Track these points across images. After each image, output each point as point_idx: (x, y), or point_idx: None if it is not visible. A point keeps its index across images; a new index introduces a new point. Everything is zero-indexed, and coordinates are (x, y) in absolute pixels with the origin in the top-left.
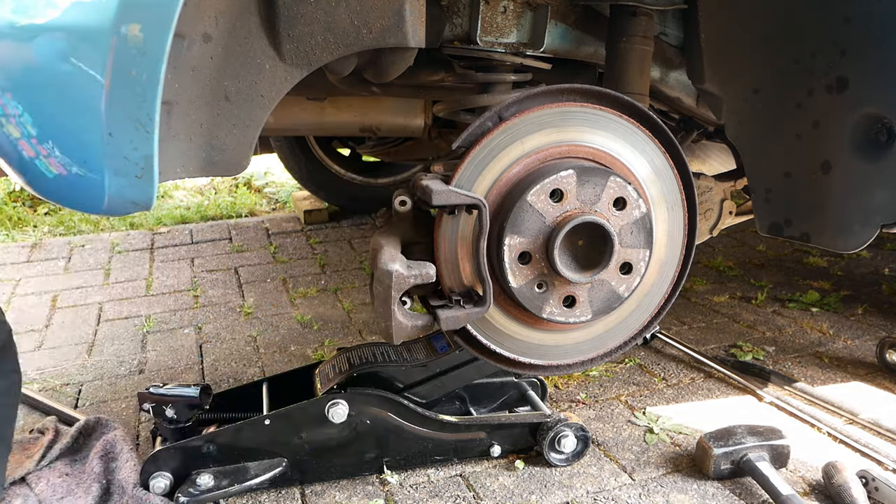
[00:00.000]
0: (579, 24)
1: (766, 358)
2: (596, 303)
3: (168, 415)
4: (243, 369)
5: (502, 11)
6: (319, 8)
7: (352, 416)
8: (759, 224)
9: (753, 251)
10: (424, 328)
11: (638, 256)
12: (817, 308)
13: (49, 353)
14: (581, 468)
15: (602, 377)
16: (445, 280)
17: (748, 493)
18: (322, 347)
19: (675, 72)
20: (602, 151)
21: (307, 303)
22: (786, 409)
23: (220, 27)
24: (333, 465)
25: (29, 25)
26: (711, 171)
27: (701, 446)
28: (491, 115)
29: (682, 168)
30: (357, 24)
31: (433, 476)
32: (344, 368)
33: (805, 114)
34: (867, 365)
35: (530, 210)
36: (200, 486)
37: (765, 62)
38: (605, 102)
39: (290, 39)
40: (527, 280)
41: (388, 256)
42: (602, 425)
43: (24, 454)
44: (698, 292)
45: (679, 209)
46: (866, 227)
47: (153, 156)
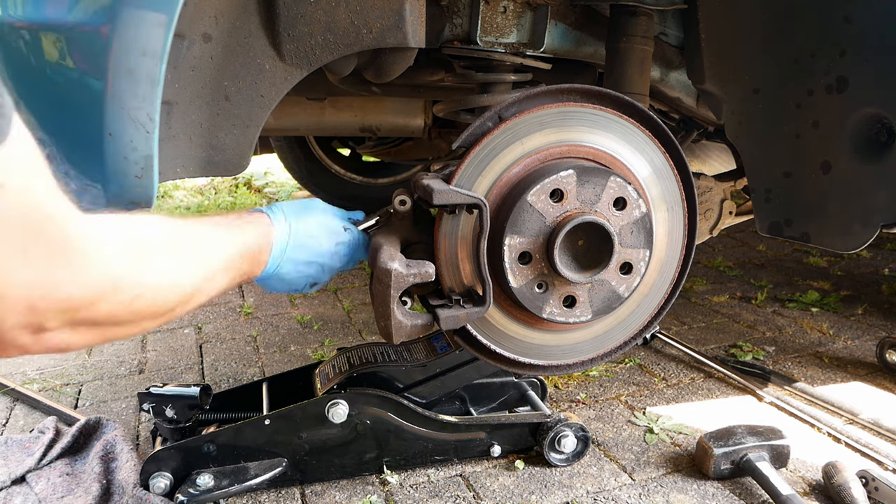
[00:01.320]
0: (579, 24)
1: (766, 358)
2: (596, 303)
3: (168, 415)
4: (243, 369)
5: (502, 11)
6: (319, 8)
7: (352, 416)
8: (759, 224)
9: (753, 251)
10: (424, 328)
11: (638, 256)
12: (817, 308)
13: None
14: (581, 468)
15: (602, 377)
16: (445, 280)
17: (748, 493)
18: (322, 347)
19: (675, 72)
20: (602, 151)
21: (307, 303)
22: (786, 409)
23: (220, 27)
24: (333, 465)
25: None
26: (711, 171)
27: (701, 446)
28: (491, 115)
29: (682, 168)
30: (357, 24)
31: (433, 476)
32: (344, 368)
33: (805, 114)
34: (867, 365)
35: (530, 210)
36: (200, 486)
37: (765, 62)
38: (606, 102)
39: (290, 39)
40: (527, 280)
41: (387, 255)
42: (602, 425)
43: (25, 453)
44: (698, 292)
45: (679, 209)
46: (866, 227)
47: (153, 156)
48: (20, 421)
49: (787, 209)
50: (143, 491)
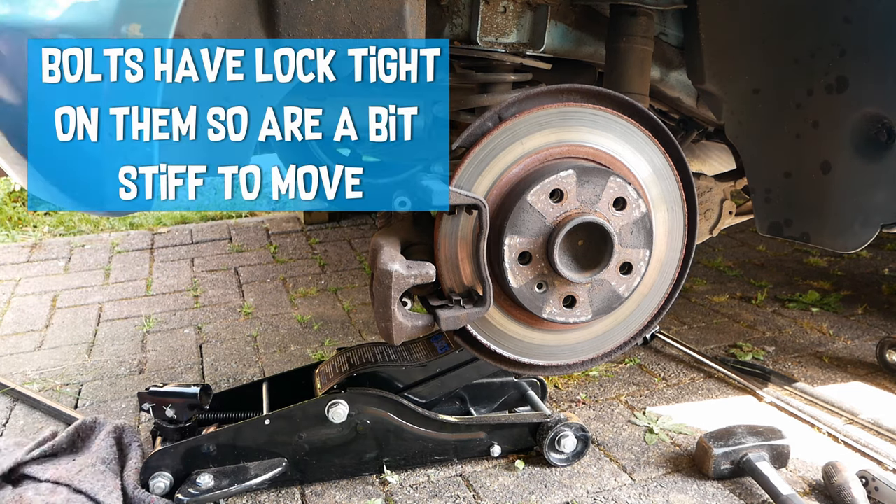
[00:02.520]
0: (579, 24)
1: (766, 358)
2: (596, 303)
3: (168, 415)
4: (243, 369)
5: (502, 11)
6: (319, 8)
7: (352, 416)
8: (759, 224)
9: (753, 251)
10: (424, 328)
11: (638, 256)
12: (817, 308)
13: (49, 353)
14: (581, 468)
15: (602, 377)
16: (446, 280)
17: (748, 493)
18: (322, 347)
19: (675, 72)
20: (602, 151)
21: (307, 303)
22: (786, 409)
23: (220, 27)
24: (333, 465)
25: (29, 25)
26: (711, 171)
27: (701, 446)
28: (491, 115)
29: (683, 168)
30: (357, 24)
31: (433, 476)
32: (344, 368)
33: (805, 114)
34: (867, 365)
35: (530, 210)
36: (200, 485)
37: (765, 62)
38: (606, 102)
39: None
40: (527, 280)
41: (387, 256)
42: (602, 425)
43: (18, 446)
44: (698, 292)
45: (679, 209)
46: (866, 227)
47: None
48: (20, 421)
49: (787, 209)
50: (143, 492)
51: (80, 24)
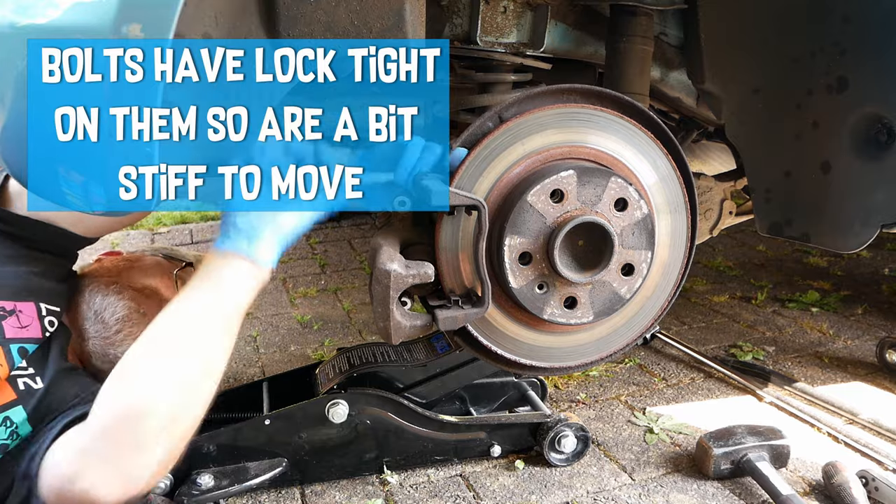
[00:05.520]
0: (579, 24)
1: (766, 358)
2: (597, 304)
3: None
4: (243, 369)
5: (502, 11)
6: (319, 8)
7: (352, 416)
8: (759, 224)
9: (753, 251)
10: (423, 328)
11: (640, 258)
12: (817, 308)
13: None
14: (581, 468)
15: (602, 377)
16: (446, 281)
17: (748, 493)
18: (322, 347)
19: (675, 72)
20: (603, 152)
21: (307, 303)
22: (786, 409)
23: (220, 27)
24: (333, 465)
25: (29, 26)
26: (711, 171)
27: (701, 446)
28: (491, 116)
29: (685, 170)
30: (357, 24)
31: (433, 476)
32: (344, 368)
33: (805, 114)
34: (867, 365)
35: (530, 210)
36: (200, 485)
37: (765, 62)
38: (606, 103)
39: (290, 39)
40: (527, 281)
41: (386, 256)
42: (602, 425)
43: None
44: (698, 292)
45: (682, 212)
46: (866, 227)
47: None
48: None
49: (787, 209)
50: None
51: (81, 25)
